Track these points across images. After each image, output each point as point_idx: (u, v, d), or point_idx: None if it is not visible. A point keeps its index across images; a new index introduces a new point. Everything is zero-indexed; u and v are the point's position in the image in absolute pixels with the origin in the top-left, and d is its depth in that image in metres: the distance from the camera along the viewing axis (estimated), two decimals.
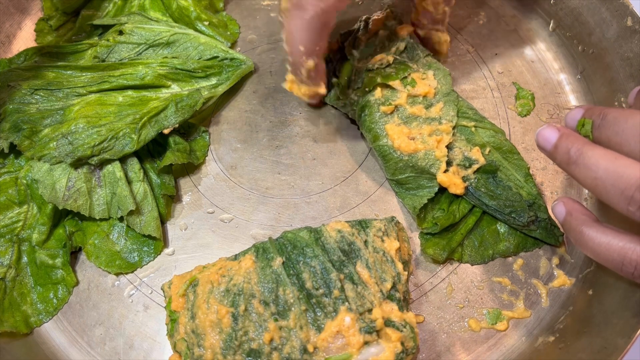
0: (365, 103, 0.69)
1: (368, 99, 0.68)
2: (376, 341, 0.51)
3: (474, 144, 0.66)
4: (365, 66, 0.70)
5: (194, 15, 0.82)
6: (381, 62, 0.70)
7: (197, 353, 0.52)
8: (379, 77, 0.69)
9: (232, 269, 0.56)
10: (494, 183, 0.64)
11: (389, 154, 0.66)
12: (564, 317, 0.60)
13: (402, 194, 0.68)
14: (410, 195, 0.66)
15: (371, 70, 0.70)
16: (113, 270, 0.64)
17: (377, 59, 0.70)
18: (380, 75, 0.69)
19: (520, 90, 0.78)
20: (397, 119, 0.67)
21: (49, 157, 0.64)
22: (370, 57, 0.71)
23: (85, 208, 0.64)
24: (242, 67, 0.77)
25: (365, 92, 0.69)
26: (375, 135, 0.67)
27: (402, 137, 0.65)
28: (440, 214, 0.65)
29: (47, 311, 0.62)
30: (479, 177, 0.64)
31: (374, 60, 0.70)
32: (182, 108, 0.70)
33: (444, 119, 0.67)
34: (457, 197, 0.65)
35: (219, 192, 0.71)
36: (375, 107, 0.68)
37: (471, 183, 0.64)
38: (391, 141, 0.66)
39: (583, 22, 0.78)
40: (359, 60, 0.72)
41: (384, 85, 0.69)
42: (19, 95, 0.67)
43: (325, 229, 0.57)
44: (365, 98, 0.69)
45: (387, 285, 0.54)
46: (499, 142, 0.67)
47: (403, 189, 0.67)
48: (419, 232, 0.65)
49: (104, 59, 0.75)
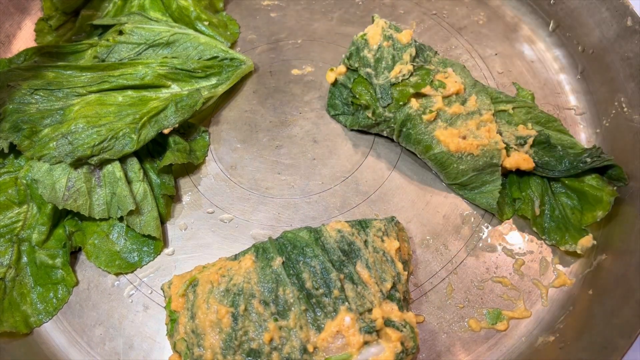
0: (405, 117, 0.67)
1: (408, 113, 0.67)
2: (376, 341, 0.51)
3: (516, 124, 0.68)
4: (388, 81, 0.68)
5: (194, 15, 0.82)
6: (402, 73, 0.68)
7: (197, 353, 0.52)
8: (409, 87, 0.67)
9: (232, 269, 0.56)
10: (552, 149, 0.66)
11: (447, 160, 0.66)
12: (564, 317, 0.59)
13: (469, 194, 0.68)
14: (478, 193, 0.67)
15: (396, 83, 0.68)
16: (113, 270, 0.64)
17: (397, 71, 0.68)
18: (409, 85, 0.67)
19: (520, 90, 0.78)
20: (442, 122, 0.66)
21: (49, 157, 0.64)
22: (386, 70, 0.69)
23: (85, 208, 0.64)
24: (242, 67, 0.77)
25: (400, 106, 0.67)
26: (427, 145, 0.66)
27: (454, 139, 0.65)
28: (519, 205, 0.66)
29: (47, 311, 0.62)
30: (537, 150, 0.66)
31: (395, 73, 0.68)
32: (182, 108, 0.70)
33: (483, 109, 0.67)
34: (519, 182, 0.67)
35: (219, 192, 0.71)
36: (418, 118, 0.66)
37: (534, 157, 0.66)
38: (445, 147, 0.65)
39: (583, 22, 0.78)
40: (376, 77, 0.69)
41: (417, 95, 0.68)
42: (18, 95, 0.67)
43: (325, 229, 0.57)
44: (404, 112, 0.67)
45: (387, 285, 0.54)
46: (536, 115, 0.70)
47: (468, 190, 0.68)
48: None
49: (103, 59, 0.75)
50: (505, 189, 0.68)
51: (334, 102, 0.75)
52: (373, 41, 0.70)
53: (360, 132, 0.75)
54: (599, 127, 0.73)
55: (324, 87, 0.79)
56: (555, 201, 0.65)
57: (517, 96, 0.77)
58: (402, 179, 0.71)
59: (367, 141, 0.74)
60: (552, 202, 0.65)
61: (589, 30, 0.76)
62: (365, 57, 0.70)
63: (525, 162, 0.65)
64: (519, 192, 0.67)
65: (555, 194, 0.66)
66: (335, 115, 0.76)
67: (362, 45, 0.71)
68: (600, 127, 0.73)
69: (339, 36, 0.85)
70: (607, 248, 0.62)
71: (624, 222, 0.62)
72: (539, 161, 0.66)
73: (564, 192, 0.66)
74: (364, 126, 0.73)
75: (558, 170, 0.65)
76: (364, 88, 0.70)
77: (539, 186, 0.66)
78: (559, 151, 0.66)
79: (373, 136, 0.75)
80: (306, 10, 0.89)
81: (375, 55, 0.70)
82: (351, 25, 0.86)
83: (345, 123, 0.75)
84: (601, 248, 0.63)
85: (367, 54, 0.70)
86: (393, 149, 0.74)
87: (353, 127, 0.74)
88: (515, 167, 0.65)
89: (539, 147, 0.67)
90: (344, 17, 0.88)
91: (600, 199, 0.63)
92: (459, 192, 0.69)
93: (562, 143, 0.67)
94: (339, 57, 0.82)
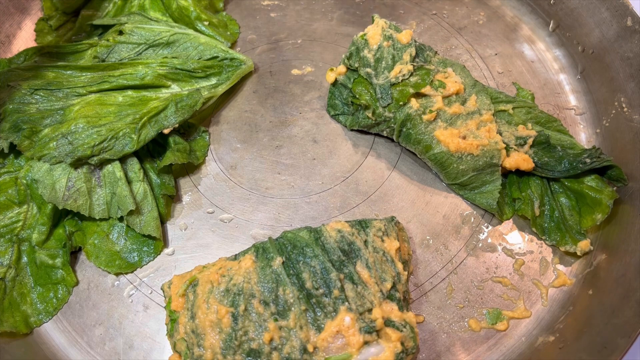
0: (405, 117, 0.67)
1: (407, 112, 0.67)
2: (376, 341, 0.51)
3: (516, 124, 0.68)
4: (388, 81, 0.68)
5: (194, 15, 0.82)
6: (402, 73, 0.68)
7: (197, 353, 0.52)
8: (409, 87, 0.67)
9: (232, 268, 0.56)
10: (552, 150, 0.66)
11: (447, 160, 0.66)
12: (564, 317, 0.59)
13: (469, 195, 0.68)
14: (478, 193, 0.67)
15: (396, 83, 0.68)
16: (113, 270, 0.64)
17: (397, 71, 0.68)
18: (409, 85, 0.68)
19: (520, 90, 0.78)
20: (442, 122, 0.66)
21: (49, 157, 0.64)
22: (386, 70, 0.69)
23: (85, 208, 0.64)
24: (242, 67, 0.77)
25: (400, 106, 0.67)
26: (427, 145, 0.67)
27: (454, 139, 0.65)
28: (519, 205, 0.67)
29: (47, 311, 0.62)
30: (537, 150, 0.66)
31: (395, 73, 0.68)
32: (182, 108, 0.70)
33: (483, 109, 0.67)
34: (518, 182, 0.67)
35: (219, 192, 0.71)
36: (418, 118, 0.66)
37: (534, 158, 0.66)
38: (445, 146, 0.65)
39: (583, 22, 0.78)
40: (376, 77, 0.69)
41: (417, 95, 0.68)
42: (19, 95, 0.67)
43: (325, 229, 0.57)
44: (404, 112, 0.67)
45: (387, 285, 0.54)
46: (536, 116, 0.70)
47: (468, 190, 0.68)
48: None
49: (103, 59, 0.75)
50: (505, 189, 0.68)
51: (334, 102, 0.75)
52: (373, 41, 0.70)
53: (360, 132, 0.75)
54: (599, 127, 0.73)
55: (324, 87, 0.80)
56: (554, 202, 0.66)
57: (517, 96, 0.77)
58: (402, 179, 0.71)
59: (367, 141, 0.74)
60: (551, 203, 0.65)
61: (589, 30, 0.76)
62: (365, 57, 0.70)
63: (524, 162, 0.65)
64: (518, 192, 0.67)
65: (554, 195, 0.66)
66: (335, 115, 0.76)
67: (362, 45, 0.71)
68: (600, 127, 0.73)
69: (339, 36, 0.85)
70: (607, 248, 0.62)
71: (624, 222, 0.62)
72: (539, 161, 0.66)
73: (563, 193, 0.66)
74: (364, 126, 0.73)
75: (557, 170, 0.65)
76: (364, 88, 0.70)
77: (539, 187, 0.66)
78: (558, 152, 0.66)
79: (373, 136, 0.75)
80: (306, 10, 0.89)
81: (375, 55, 0.70)
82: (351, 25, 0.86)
83: (345, 123, 0.75)
84: (601, 248, 0.63)
85: (367, 54, 0.70)
86: (393, 149, 0.74)
87: (353, 127, 0.74)
88: (515, 167, 0.65)
89: (539, 148, 0.67)
90: (344, 17, 0.88)
91: (599, 202, 0.63)
92: (459, 192, 0.69)
93: (561, 143, 0.67)
94: (339, 57, 0.82)
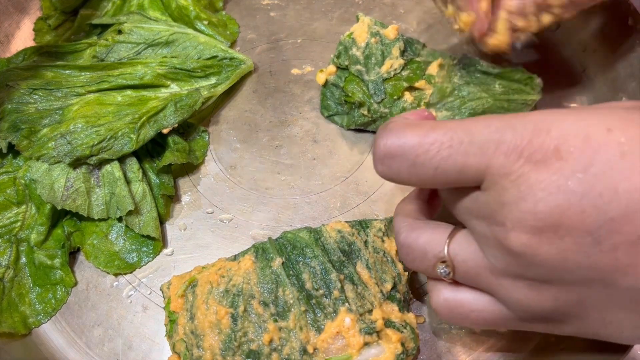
0: (401, 111, 0.67)
1: (403, 107, 0.68)
2: (376, 342, 0.51)
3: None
4: (380, 76, 0.69)
5: (194, 14, 0.82)
6: (394, 68, 0.69)
7: (196, 354, 0.51)
8: (403, 81, 0.68)
9: (231, 269, 0.55)
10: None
11: None
12: None
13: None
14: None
15: (389, 78, 0.69)
16: (112, 271, 0.64)
17: (388, 66, 0.69)
18: (403, 79, 0.68)
19: None
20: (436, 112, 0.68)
21: (48, 157, 0.64)
22: (377, 66, 0.70)
23: (84, 208, 0.63)
24: (241, 67, 0.77)
25: (394, 100, 0.68)
26: None
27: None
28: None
29: (46, 312, 0.62)
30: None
31: (386, 68, 0.69)
32: (181, 108, 0.70)
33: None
34: None
35: (219, 192, 0.70)
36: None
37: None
38: None
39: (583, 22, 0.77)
40: (367, 74, 0.70)
41: (410, 88, 0.69)
42: (17, 95, 0.67)
43: (325, 229, 0.57)
44: (399, 106, 0.68)
45: (387, 285, 0.54)
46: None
47: None
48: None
49: (102, 58, 0.74)
50: None
51: (326, 103, 0.75)
52: (360, 39, 0.71)
53: (360, 131, 0.75)
54: None
55: None
56: None
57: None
58: None
59: (367, 140, 0.74)
60: None
61: (589, 30, 0.76)
62: (354, 55, 0.71)
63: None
64: None
65: None
66: (330, 116, 0.75)
67: (349, 44, 0.71)
68: None
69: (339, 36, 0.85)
70: None
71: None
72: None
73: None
74: (361, 124, 0.72)
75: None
76: (357, 85, 0.70)
77: None
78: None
79: (373, 135, 0.74)
80: (306, 10, 0.89)
81: (365, 53, 0.70)
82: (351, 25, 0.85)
83: (341, 123, 0.74)
84: None
85: (355, 52, 0.71)
86: None
87: (350, 126, 0.74)
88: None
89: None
90: (344, 17, 0.88)
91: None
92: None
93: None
94: None
